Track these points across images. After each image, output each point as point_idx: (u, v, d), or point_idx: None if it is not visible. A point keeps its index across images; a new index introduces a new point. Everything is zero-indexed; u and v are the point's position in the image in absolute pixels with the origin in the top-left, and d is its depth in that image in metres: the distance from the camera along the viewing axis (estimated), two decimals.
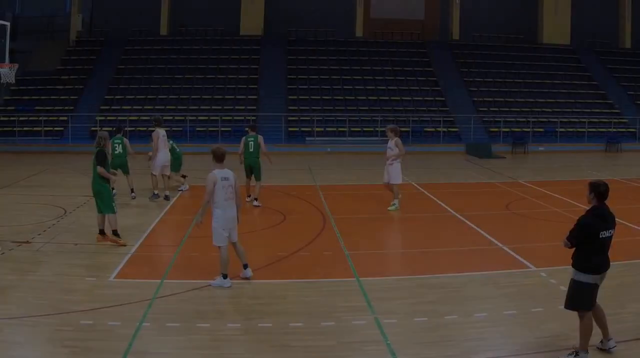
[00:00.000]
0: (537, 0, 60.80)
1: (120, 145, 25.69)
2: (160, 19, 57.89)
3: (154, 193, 25.53)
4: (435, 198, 26.58)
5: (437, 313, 13.23)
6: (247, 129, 25.67)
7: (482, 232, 20.50)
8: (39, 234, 19.69)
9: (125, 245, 18.39)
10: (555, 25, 59.68)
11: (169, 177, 26.18)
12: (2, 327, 12.36)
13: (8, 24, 25.95)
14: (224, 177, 14.79)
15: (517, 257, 17.47)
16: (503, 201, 26.07)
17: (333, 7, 59.84)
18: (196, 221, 15.34)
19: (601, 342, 11.22)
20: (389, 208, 23.79)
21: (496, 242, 19.15)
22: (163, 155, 25.70)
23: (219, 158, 14.97)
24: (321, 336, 12.10)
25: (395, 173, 23.61)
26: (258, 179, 24.88)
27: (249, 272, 15.45)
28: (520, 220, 23.01)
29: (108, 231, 18.86)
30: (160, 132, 25.87)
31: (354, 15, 59.13)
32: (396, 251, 18.78)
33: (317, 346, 11.67)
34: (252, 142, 24.78)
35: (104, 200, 18.68)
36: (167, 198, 25.52)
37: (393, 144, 23.62)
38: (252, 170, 24.85)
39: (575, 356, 10.88)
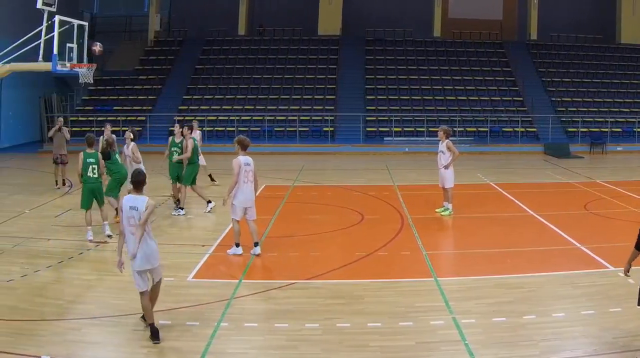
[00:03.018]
0: (615, 0, 59.94)
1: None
2: (239, 19, 58.19)
3: None
4: (513, 198, 26.42)
5: (515, 313, 13.20)
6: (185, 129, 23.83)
7: (560, 231, 20.34)
8: (117, 234, 19.93)
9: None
10: (634, 25, 58.49)
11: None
12: (81, 326, 12.70)
13: (86, 24, 26.41)
14: (247, 163, 17.31)
15: (595, 256, 17.35)
16: (581, 201, 25.78)
17: (411, 7, 59.67)
18: (224, 199, 17.64)
19: None
20: (443, 213, 23.18)
21: (574, 241, 19.02)
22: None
23: (244, 147, 17.43)
24: (399, 336, 12.16)
25: (449, 176, 22.92)
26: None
27: (257, 249, 17.56)
28: (598, 220, 22.76)
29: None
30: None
31: (432, 16, 58.87)
32: (474, 251, 18.63)
33: (395, 346, 11.73)
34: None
35: None
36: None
37: (445, 147, 22.92)
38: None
39: None
